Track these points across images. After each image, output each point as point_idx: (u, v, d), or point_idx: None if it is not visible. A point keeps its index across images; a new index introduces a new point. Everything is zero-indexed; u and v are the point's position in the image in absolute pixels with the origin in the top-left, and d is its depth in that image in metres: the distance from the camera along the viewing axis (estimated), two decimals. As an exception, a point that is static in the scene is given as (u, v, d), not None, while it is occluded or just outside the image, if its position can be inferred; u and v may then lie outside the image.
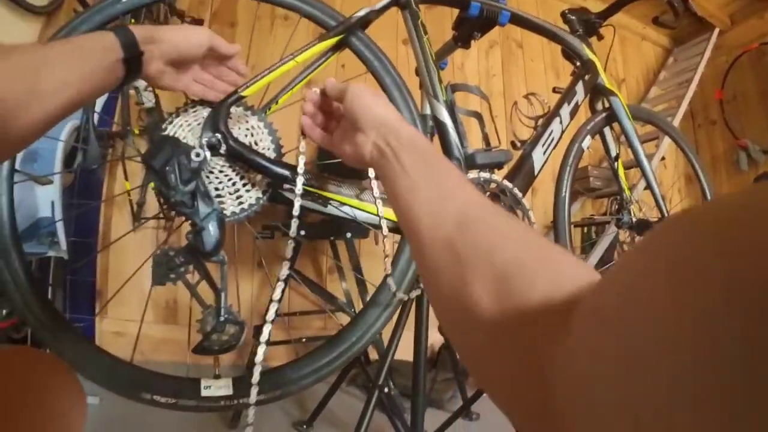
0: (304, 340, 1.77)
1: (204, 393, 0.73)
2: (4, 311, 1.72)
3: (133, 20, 1.82)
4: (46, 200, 1.68)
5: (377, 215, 0.78)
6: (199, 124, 0.75)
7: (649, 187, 1.42)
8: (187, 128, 0.75)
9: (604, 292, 0.24)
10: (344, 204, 0.79)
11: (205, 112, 0.77)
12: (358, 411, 1.86)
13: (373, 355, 1.83)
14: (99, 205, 2.08)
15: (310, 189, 0.76)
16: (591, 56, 1.37)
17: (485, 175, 0.99)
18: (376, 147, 0.52)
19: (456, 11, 1.20)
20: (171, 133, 0.74)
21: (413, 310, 1.11)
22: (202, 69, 0.72)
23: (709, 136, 3.14)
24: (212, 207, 0.66)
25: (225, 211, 0.71)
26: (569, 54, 1.45)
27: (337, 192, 0.78)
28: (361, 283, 1.77)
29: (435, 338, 1.18)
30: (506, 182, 1.01)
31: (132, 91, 1.85)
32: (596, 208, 2.87)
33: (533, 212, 1.03)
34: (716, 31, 2.97)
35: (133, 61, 0.59)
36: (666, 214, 1.44)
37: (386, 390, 1.15)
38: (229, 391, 0.74)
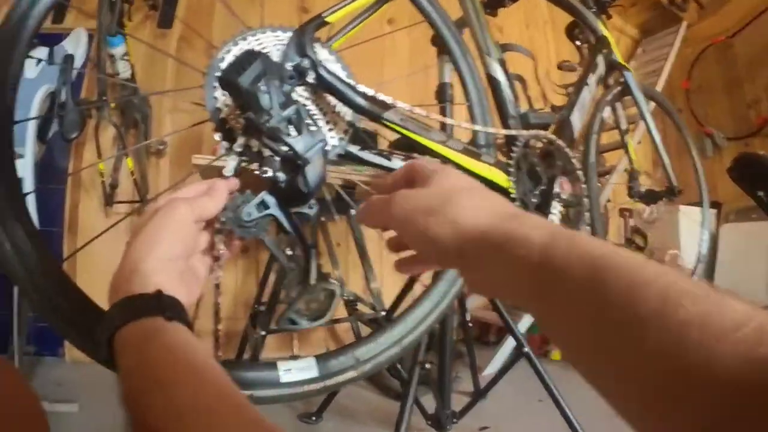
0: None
1: (284, 378, 0.59)
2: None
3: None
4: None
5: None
6: (268, 52, 0.64)
7: (659, 156, 1.51)
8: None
9: None
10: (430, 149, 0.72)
11: (266, 39, 0.66)
12: (365, 398, 1.79)
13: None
14: (64, 188, 1.86)
15: (395, 126, 0.68)
16: (606, 33, 1.38)
17: (544, 132, 0.96)
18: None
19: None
20: None
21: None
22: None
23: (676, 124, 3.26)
24: (318, 137, 0.56)
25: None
26: (573, 33, 1.46)
27: (425, 136, 0.71)
28: (366, 261, 1.69)
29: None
30: (560, 141, 0.98)
31: (108, 61, 1.69)
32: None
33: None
34: (684, 24, 3.08)
35: None
36: (674, 183, 1.52)
37: (427, 366, 1.09)
38: (315, 373, 0.61)
